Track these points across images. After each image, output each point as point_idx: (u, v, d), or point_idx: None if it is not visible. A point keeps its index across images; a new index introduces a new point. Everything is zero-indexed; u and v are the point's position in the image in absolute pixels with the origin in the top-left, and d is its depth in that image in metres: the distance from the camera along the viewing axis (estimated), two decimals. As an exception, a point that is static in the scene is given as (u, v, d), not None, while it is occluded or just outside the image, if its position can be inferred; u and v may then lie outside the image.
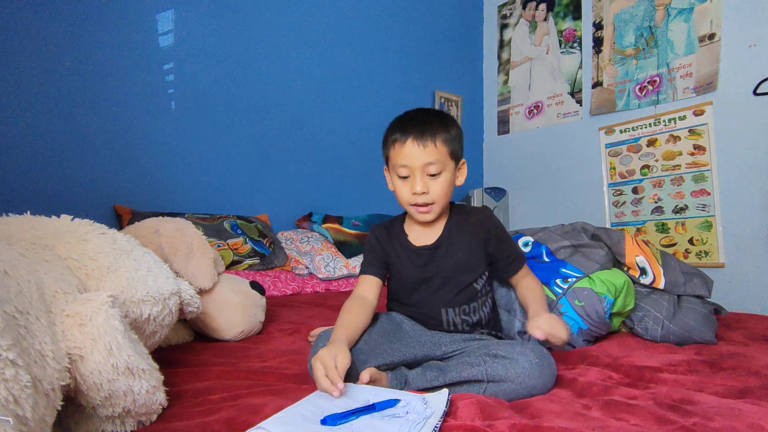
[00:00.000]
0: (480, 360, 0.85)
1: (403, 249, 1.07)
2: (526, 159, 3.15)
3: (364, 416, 0.68)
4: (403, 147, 0.97)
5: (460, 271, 1.04)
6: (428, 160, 0.96)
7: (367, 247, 1.12)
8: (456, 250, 1.04)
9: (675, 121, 2.41)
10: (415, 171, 0.97)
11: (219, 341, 1.22)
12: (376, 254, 1.09)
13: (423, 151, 0.96)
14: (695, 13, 2.35)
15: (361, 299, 1.02)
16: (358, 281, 1.09)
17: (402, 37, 2.95)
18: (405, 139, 0.97)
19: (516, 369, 0.82)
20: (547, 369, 0.84)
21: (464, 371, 0.84)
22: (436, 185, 0.99)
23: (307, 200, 2.52)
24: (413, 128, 0.97)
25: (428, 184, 0.98)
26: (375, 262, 1.08)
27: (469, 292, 1.04)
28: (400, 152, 0.98)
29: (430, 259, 1.05)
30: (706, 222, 2.32)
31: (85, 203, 1.84)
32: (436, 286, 1.04)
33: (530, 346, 0.86)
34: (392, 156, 1.01)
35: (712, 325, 1.18)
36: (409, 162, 0.97)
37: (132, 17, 1.96)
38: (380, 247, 1.09)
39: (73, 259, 0.78)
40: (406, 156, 0.97)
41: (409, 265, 1.06)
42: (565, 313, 1.15)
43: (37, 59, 1.73)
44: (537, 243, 1.29)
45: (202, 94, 2.17)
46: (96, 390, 0.64)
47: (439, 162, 0.97)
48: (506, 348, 0.86)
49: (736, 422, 0.66)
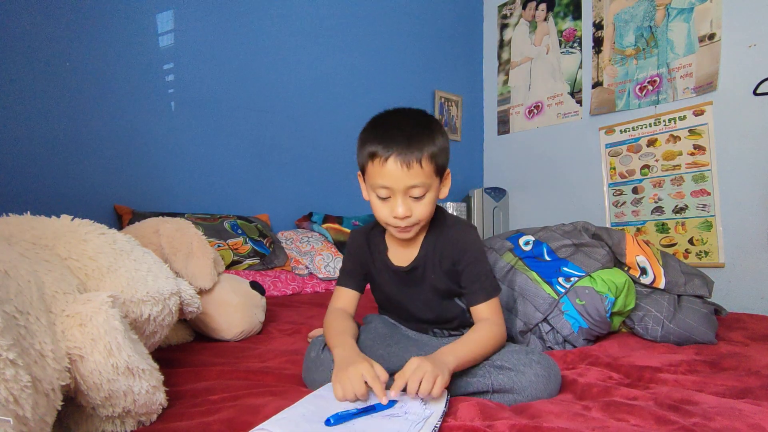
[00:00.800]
0: (484, 371, 0.83)
1: (382, 263, 1.01)
2: (526, 159, 3.15)
3: (365, 416, 0.68)
4: (384, 166, 0.84)
5: (438, 294, 0.98)
6: (412, 183, 0.84)
7: (347, 253, 1.05)
8: (431, 272, 0.96)
9: (675, 121, 2.41)
10: (397, 193, 0.86)
11: (219, 341, 1.22)
12: (356, 264, 1.03)
13: (407, 173, 0.83)
14: (695, 13, 2.35)
15: (341, 312, 0.99)
16: (335, 292, 1.04)
17: (402, 37, 2.95)
18: (386, 155, 0.84)
19: (522, 381, 0.80)
20: (554, 379, 0.83)
21: (469, 385, 0.82)
22: (420, 207, 0.88)
23: (307, 200, 2.52)
24: (396, 143, 0.84)
25: (411, 206, 0.87)
26: (354, 273, 1.03)
27: (454, 309, 1.00)
28: (380, 171, 0.85)
29: (408, 280, 0.99)
30: (706, 222, 2.32)
31: (85, 203, 1.84)
32: (418, 306, 1.00)
33: (535, 357, 0.84)
34: (370, 172, 0.87)
35: (712, 325, 1.18)
36: (389, 184, 0.85)
37: (132, 17, 1.96)
38: (360, 257, 1.03)
39: (73, 260, 0.78)
40: (387, 177, 0.84)
41: (389, 282, 1.01)
42: (566, 312, 1.15)
43: (37, 59, 1.73)
44: (538, 242, 1.29)
45: (202, 94, 2.17)
46: (96, 390, 0.64)
47: (424, 184, 0.86)
48: (511, 359, 0.83)
49: (736, 422, 0.66)
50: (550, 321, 1.16)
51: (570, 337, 1.14)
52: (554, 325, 1.15)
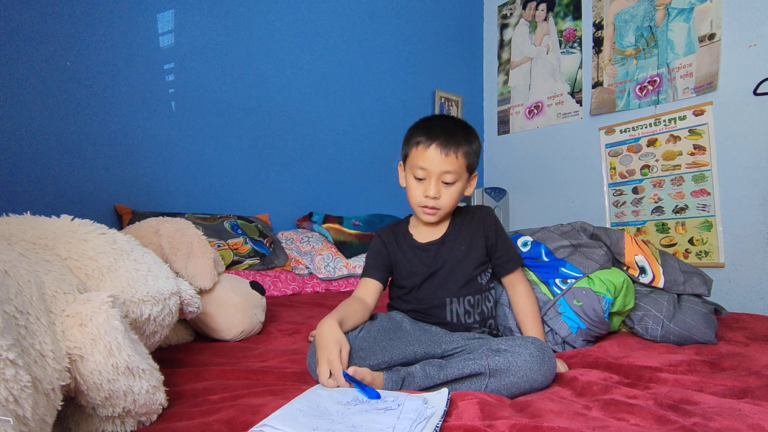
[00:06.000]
0: (481, 355, 0.86)
1: (410, 247, 1.12)
2: (526, 159, 3.15)
3: (360, 410, 0.69)
4: (426, 151, 1.01)
5: (465, 263, 1.08)
6: (447, 168, 1.01)
7: (372, 250, 1.14)
8: (460, 243, 1.10)
9: (675, 121, 2.41)
10: (432, 176, 1.02)
11: (219, 341, 1.22)
12: (380, 258, 1.12)
13: (444, 159, 1.01)
14: (695, 13, 2.35)
15: (359, 299, 1.05)
16: (359, 283, 1.12)
17: (402, 37, 2.95)
18: (429, 143, 1.01)
19: (518, 361, 0.84)
20: (548, 361, 0.86)
21: (466, 367, 0.85)
22: (448, 193, 1.04)
23: (307, 200, 2.52)
24: (439, 136, 1.01)
25: (441, 190, 1.03)
26: (378, 266, 1.12)
27: (474, 285, 1.09)
28: (422, 155, 1.02)
29: (435, 253, 1.10)
30: (706, 222, 2.32)
31: (85, 203, 1.84)
32: (441, 278, 1.08)
33: (530, 339, 0.89)
34: (412, 156, 1.05)
35: (712, 324, 1.18)
36: (428, 166, 1.02)
37: (132, 17, 1.96)
38: (385, 249, 1.13)
39: (73, 259, 0.78)
40: (427, 160, 1.01)
41: (416, 261, 1.10)
42: (563, 314, 1.15)
43: (37, 59, 1.73)
44: (536, 242, 1.29)
45: (202, 94, 2.17)
46: (96, 390, 0.64)
47: (456, 172, 1.02)
48: (507, 342, 0.89)
49: (736, 422, 0.66)
50: (548, 322, 1.16)
51: (568, 338, 1.14)
52: (552, 327, 1.15)
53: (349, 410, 0.69)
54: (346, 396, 0.75)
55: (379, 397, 0.74)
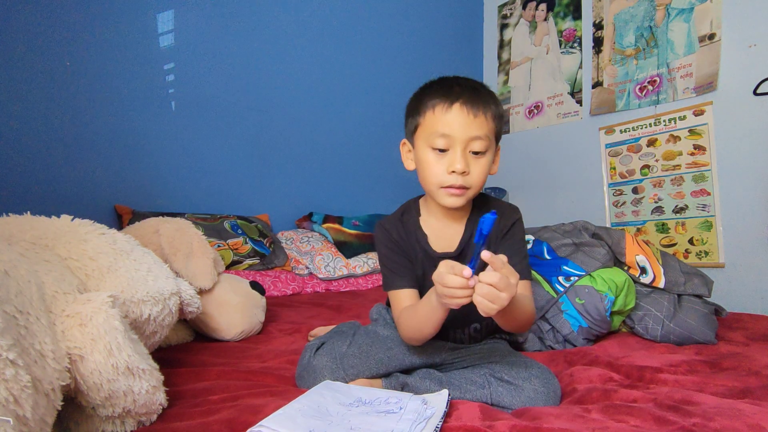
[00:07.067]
0: (484, 381, 0.82)
1: (424, 254, 0.90)
2: (526, 159, 3.15)
3: (361, 412, 0.68)
4: (448, 112, 0.78)
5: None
6: (476, 133, 0.78)
7: (386, 249, 0.91)
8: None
9: (675, 121, 2.41)
10: (457, 144, 0.79)
11: (219, 341, 1.22)
12: (400, 259, 0.90)
13: (472, 120, 0.78)
14: (695, 13, 2.35)
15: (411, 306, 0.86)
16: (390, 299, 0.90)
17: (402, 37, 2.95)
18: (452, 102, 0.78)
19: (521, 397, 0.79)
20: (552, 396, 0.81)
21: (468, 392, 0.81)
22: (478, 167, 0.81)
23: (307, 200, 2.52)
24: (462, 93, 0.79)
25: (470, 163, 0.80)
26: (403, 272, 0.89)
27: None
28: (442, 118, 0.79)
29: None
30: (706, 222, 2.32)
31: (85, 203, 1.84)
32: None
33: (535, 371, 0.82)
34: (428, 124, 0.81)
35: (712, 325, 1.18)
36: (451, 131, 0.78)
37: (132, 17, 1.96)
38: (401, 245, 0.91)
39: (73, 260, 0.78)
40: (450, 124, 0.78)
41: (429, 278, 0.81)
42: (566, 311, 1.15)
43: (37, 59, 1.73)
44: (538, 241, 1.29)
45: (202, 94, 2.17)
46: (96, 390, 0.64)
47: (486, 138, 0.79)
48: (511, 372, 0.82)
49: (736, 422, 0.66)
50: (550, 320, 1.16)
51: (570, 336, 1.14)
52: (554, 325, 1.15)
53: (349, 412, 0.68)
54: (349, 397, 0.74)
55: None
